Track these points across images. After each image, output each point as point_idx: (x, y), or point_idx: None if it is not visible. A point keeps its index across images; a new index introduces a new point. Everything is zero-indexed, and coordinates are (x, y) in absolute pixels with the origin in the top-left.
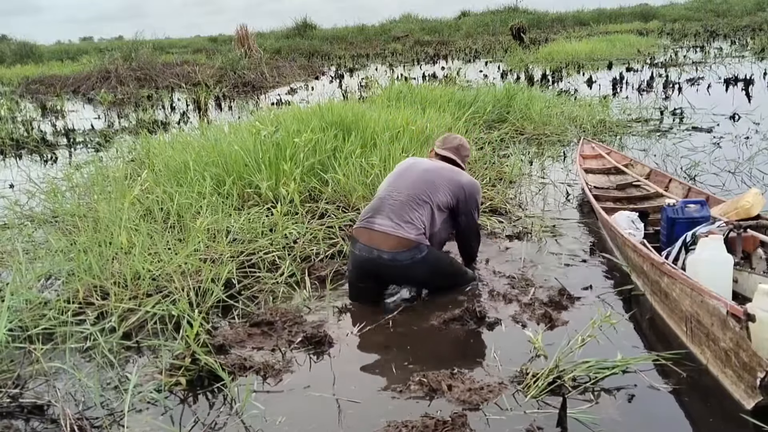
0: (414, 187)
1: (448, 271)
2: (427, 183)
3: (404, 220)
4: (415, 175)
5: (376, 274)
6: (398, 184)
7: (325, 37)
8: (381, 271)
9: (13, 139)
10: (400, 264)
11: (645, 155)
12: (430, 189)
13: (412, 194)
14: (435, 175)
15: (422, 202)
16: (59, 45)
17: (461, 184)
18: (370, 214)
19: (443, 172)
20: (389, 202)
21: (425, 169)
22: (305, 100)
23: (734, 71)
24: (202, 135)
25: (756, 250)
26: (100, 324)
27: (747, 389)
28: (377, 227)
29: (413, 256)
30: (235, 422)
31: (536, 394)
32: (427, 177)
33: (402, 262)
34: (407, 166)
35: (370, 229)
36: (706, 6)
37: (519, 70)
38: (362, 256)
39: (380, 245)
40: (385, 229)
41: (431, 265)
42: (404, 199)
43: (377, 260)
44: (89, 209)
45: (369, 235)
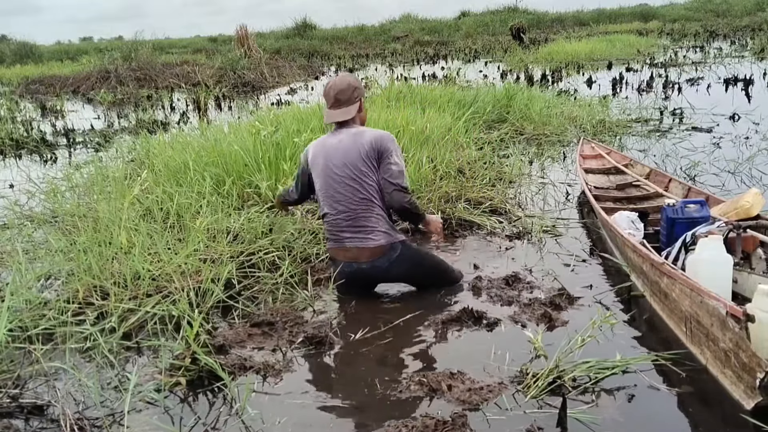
0: (350, 194)
1: (428, 263)
2: (355, 178)
3: (365, 229)
4: (339, 180)
5: (363, 282)
6: (333, 199)
7: (324, 37)
8: (367, 280)
9: (13, 139)
10: (382, 268)
11: (645, 155)
12: (359, 183)
13: (352, 204)
14: (351, 163)
15: (364, 200)
16: (59, 45)
17: (369, 143)
18: (335, 233)
19: (351, 151)
20: (340, 218)
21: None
22: (305, 100)
23: (734, 71)
24: (201, 135)
25: (756, 250)
26: (100, 324)
27: (746, 390)
28: (348, 243)
29: (389, 258)
30: (235, 422)
31: (536, 394)
32: (348, 172)
33: (382, 266)
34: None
35: (344, 248)
36: (706, 6)
37: (519, 70)
38: (345, 271)
39: (358, 258)
40: (355, 244)
41: (409, 260)
42: (350, 211)
43: (359, 273)
44: (89, 209)
45: (344, 253)
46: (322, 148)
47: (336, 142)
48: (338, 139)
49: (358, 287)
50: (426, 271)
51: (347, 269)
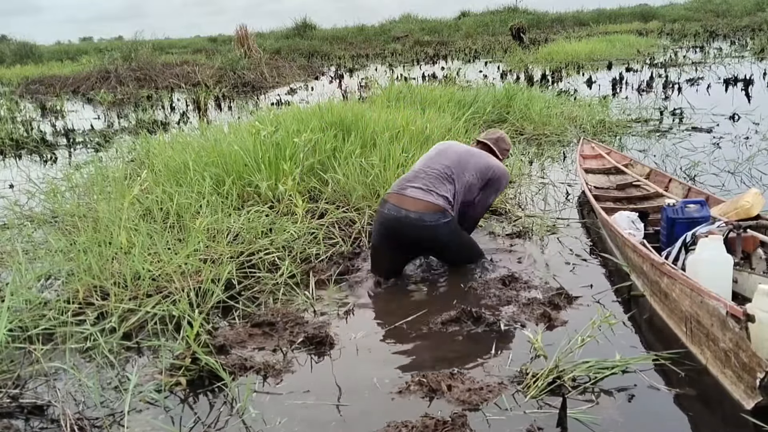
0: (446, 165)
1: (466, 242)
2: (460, 163)
3: (434, 190)
4: (449, 154)
5: (400, 234)
6: (433, 161)
7: (324, 37)
8: (405, 231)
9: (13, 139)
10: (425, 224)
11: (645, 155)
12: (460, 168)
13: (443, 171)
14: (468, 156)
15: (451, 179)
16: (59, 45)
17: (490, 166)
18: (403, 183)
19: (475, 155)
20: (422, 174)
21: (459, 151)
22: (305, 100)
23: (734, 71)
24: (201, 135)
25: (756, 250)
26: (100, 324)
27: (747, 389)
28: (409, 193)
29: (438, 219)
30: (236, 422)
31: (536, 394)
32: (460, 158)
33: (427, 222)
34: (444, 147)
35: (402, 195)
36: (706, 6)
37: (519, 70)
38: (390, 215)
39: (409, 207)
40: (416, 195)
41: (452, 232)
42: (436, 174)
43: (404, 219)
44: (89, 209)
45: (399, 199)
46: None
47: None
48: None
49: (392, 239)
50: (462, 248)
51: (393, 213)
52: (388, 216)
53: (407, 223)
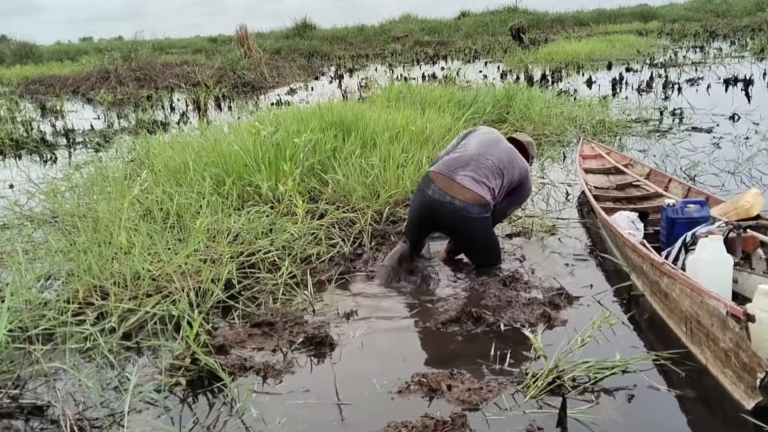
0: (501, 158)
1: (493, 242)
2: (510, 160)
3: (485, 182)
4: (502, 148)
5: (440, 217)
6: (489, 150)
7: (324, 37)
8: (446, 215)
9: (13, 139)
10: (468, 215)
11: (645, 155)
12: (510, 165)
13: (497, 164)
14: (515, 155)
15: (502, 174)
16: (59, 45)
17: (527, 169)
18: (456, 165)
19: (519, 156)
20: (477, 162)
21: (509, 148)
22: (305, 100)
23: (734, 71)
24: (201, 135)
25: (756, 250)
26: (100, 324)
27: (747, 389)
28: (459, 179)
29: (482, 212)
30: (235, 423)
31: (536, 394)
32: (510, 155)
33: (471, 213)
34: (495, 138)
35: (451, 178)
36: (706, 6)
37: (518, 70)
38: (433, 198)
39: (456, 194)
40: (466, 183)
41: (486, 228)
42: (491, 165)
43: (448, 206)
44: (89, 209)
45: (447, 182)
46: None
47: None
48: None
49: (427, 219)
50: (488, 244)
51: (437, 196)
52: (430, 197)
53: (451, 209)
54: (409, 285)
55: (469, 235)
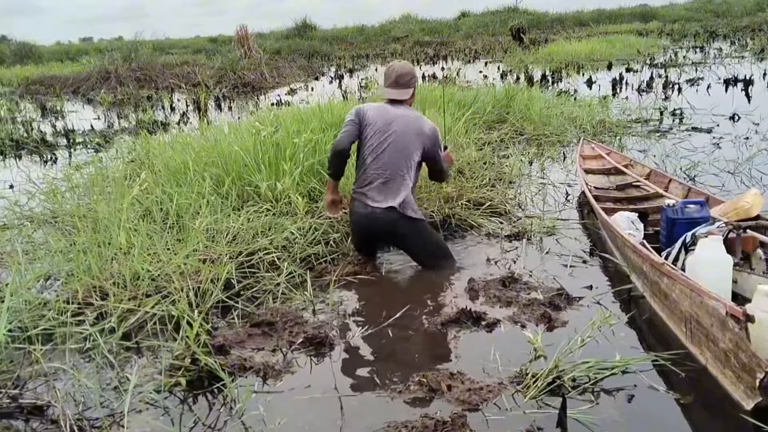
0: (396, 161)
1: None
2: (404, 153)
3: (393, 194)
4: (394, 148)
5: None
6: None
7: (324, 37)
8: (377, 225)
9: (13, 139)
10: (391, 218)
11: (645, 156)
12: (406, 158)
13: (395, 169)
14: (408, 139)
15: (406, 171)
16: (59, 45)
17: (427, 134)
18: (365, 188)
19: (412, 128)
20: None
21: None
22: (305, 100)
23: (734, 72)
24: (201, 135)
25: (755, 250)
26: (100, 324)
27: (746, 390)
28: (371, 203)
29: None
30: (235, 423)
31: (536, 394)
32: (403, 145)
33: (392, 216)
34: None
35: (364, 201)
36: (706, 6)
37: (519, 70)
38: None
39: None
40: (378, 204)
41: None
42: (389, 176)
43: (373, 215)
44: (89, 210)
45: (361, 203)
46: (383, 112)
47: (400, 114)
48: (401, 113)
49: (367, 234)
50: (426, 242)
51: (362, 210)
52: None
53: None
54: (409, 285)
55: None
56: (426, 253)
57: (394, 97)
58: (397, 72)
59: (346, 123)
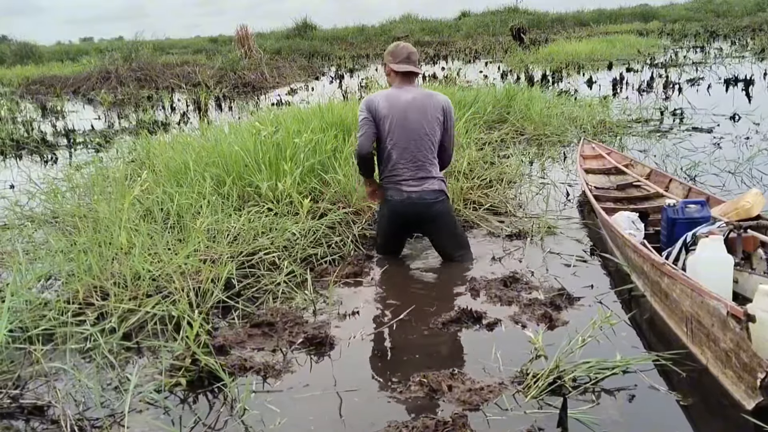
0: (422, 144)
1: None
2: (426, 138)
3: (425, 178)
4: (415, 132)
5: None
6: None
7: (325, 37)
8: (413, 210)
9: (14, 139)
10: (428, 201)
11: (645, 155)
12: (431, 141)
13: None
14: (428, 118)
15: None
16: (59, 45)
17: (442, 107)
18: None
19: (428, 107)
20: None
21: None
22: (305, 100)
23: (734, 71)
24: (202, 135)
25: (756, 250)
26: (100, 325)
27: (747, 390)
28: (405, 188)
29: (437, 196)
30: (236, 423)
31: (536, 394)
32: (425, 125)
33: (428, 198)
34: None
35: (401, 187)
36: (706, 6)
37: (519, 70)
38: (398, 201)
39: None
40: (413, 189)
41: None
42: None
43: (409, 201)
44: (89, 210)
45: (397, 190)
46: (395, 100)
47: (411, 99)
48: (412, 96)
49: (405, 219)
50: (455, 226)
51: (398, 197)
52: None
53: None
54: (409, 285)
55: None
56: (453, 240)
57: (412, 69)
58: (409, 50)
59: (362, 123)
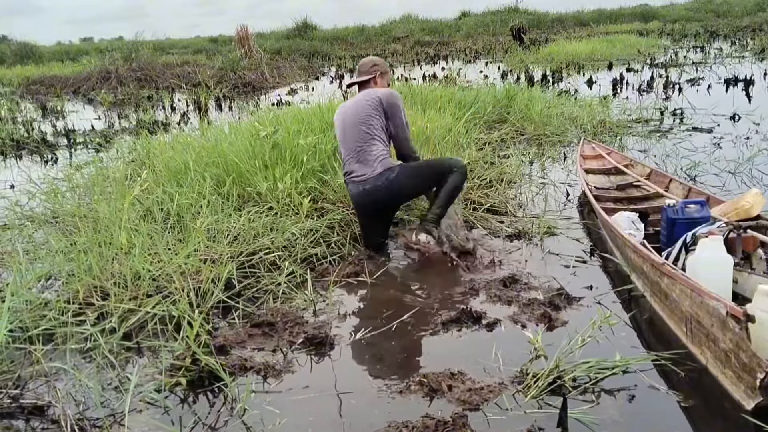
0: (357, 135)
1: (425, 169)
2: (362, 122)
3: (367, 162)
4: (351, 126)
5: (371, 203)
6: (347, 142)
7: (325, 37)
8: (373, 199)
9: (14, 139)
10: (382, 186)
11: (645, 156)
12: (366, 126)
13: (358, 143)
14: (361, 111)
15: (369, 139)
16: (60, 45)
17: (378, 97)
18: (348, 170)
19: (362, 103)
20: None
21: (353, 114)
22: (305, 100)
23: (734, 71)
24: (202, 135)
25: (756, 250)
26: (101, 324)
27: (747, 390)
28: (356, 177)
29: (387, 177)
30: (236, 423)
31: (536, 394)
32: (358, 118)
33: (382, 184)
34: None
35: (353, 181)
36: (706, 6)
37: (519, 70)
38: (355, 194)
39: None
40: (362, 177)
41: (406, 174)
42: (357, 149)
43: (365, 193)
44: (89, 210)
45: (354, 184)
46: (342, 109)
47: (351, 102)
48: (354, 100)
49: (369, 210)
50: (426, 175)
51: (355, 191)
52: (354, 196)
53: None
54: (409, 285)
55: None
56: (430, 182)
57: (354, 80)
58: (361, 63)
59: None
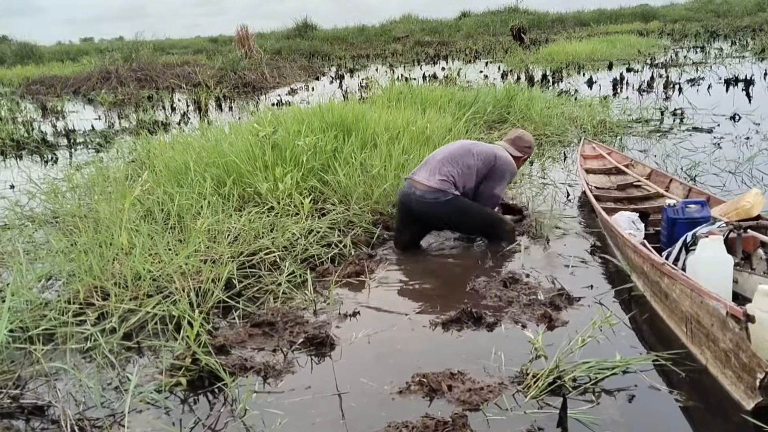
0: (450, 152)
1: (475, 213)
2: (462, 149)
3: (435, 174)
4: (455, 145)
5: (411, 211)
6: (439, 151)
7: (325, 37)
8: (415, 208)
9: (14, 139)
10: (428, 201)
11: (645, 155)
12: (462, 154)
13: (446, 157)
14: (473, 146)
15: (454, 162)
16: (60, 46)
17: (495, 155)
18: (415, 170)
19: (483, 146)
20: (429, 162)
21: (465, 142)
22: (305, 100)
23: (734, 71)
24: (202, 136)
25: (756, 250)
26: (101, 324)
27: (747, 390)
28: (416, 177)
29: (438, 198)
30: (236, 423)
31: (536, 394)
32: (464, 147)
33: (429, 199)
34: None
35: (412, 179)
36: (707, 6)
37: (519, 70)
38: (403, 192)
39: (417, 187)
40: (420, 179)
41: (456, 208)
42: (440, 158)
43: (412, 196)
44: (90, 210)
45: (411, 182)
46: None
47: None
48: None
49: (406, 213)
50: (473, 220)
51: (406, 189)
52: (402, 193)
53: (416, 198)
54: (410, 285)
55: (441, 216)
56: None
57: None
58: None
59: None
